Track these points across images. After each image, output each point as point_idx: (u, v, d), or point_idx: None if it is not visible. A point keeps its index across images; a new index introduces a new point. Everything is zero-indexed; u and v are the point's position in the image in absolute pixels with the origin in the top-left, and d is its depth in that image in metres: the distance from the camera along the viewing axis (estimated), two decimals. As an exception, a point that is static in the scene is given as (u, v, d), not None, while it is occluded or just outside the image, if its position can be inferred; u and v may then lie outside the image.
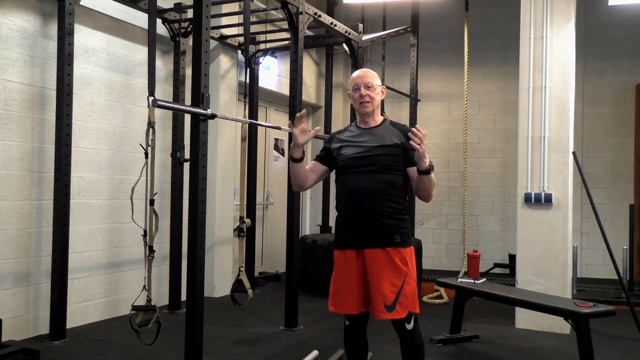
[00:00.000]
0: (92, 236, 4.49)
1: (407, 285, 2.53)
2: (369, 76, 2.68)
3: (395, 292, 2.50)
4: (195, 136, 3.37)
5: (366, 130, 2.68)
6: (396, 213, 2.58)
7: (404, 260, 2.55)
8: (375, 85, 2.67)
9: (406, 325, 2.56)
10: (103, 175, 4.58)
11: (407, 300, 2.52)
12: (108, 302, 4.64)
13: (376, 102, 2.68)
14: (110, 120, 4.64)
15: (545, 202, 4.54)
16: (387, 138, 2.61)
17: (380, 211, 2.54)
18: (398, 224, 2.57)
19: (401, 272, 2.53)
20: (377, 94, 2.68)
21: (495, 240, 7.18)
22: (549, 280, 4.50)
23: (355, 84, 2.67)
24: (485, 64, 7.21)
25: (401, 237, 2.56)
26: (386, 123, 2.72)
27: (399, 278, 2.52)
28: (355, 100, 2.68)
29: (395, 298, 2.49)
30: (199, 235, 3.35)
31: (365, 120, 2.71)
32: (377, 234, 2.54)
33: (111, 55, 4.64)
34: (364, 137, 2.65)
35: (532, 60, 4.64)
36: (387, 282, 2.50)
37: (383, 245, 2.54)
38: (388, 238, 2.54)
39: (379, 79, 2.73)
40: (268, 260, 6.96)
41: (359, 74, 2.70)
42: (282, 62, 6.69)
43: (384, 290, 2.49)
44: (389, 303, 2.49)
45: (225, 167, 5.70)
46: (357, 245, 2.57)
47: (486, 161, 7.27)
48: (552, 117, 4.59)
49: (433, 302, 5.58)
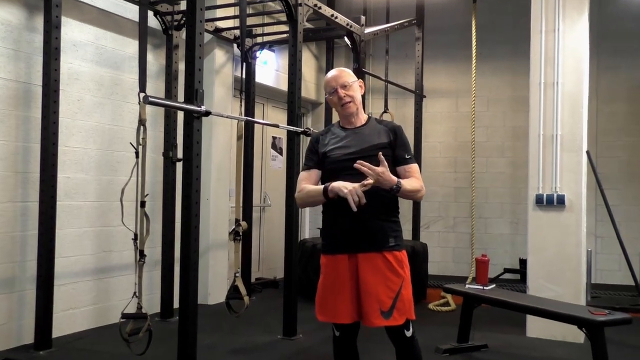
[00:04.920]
0: (79, 240, 4.49)
1: (404, 290, 2.53)
2: (343, 75, 2.68)
3: (392, 297, 2.49)
4: (188, 134, 3.37)
5: (352, 130, 2.68)
6: (389, 215, 2.59)
7: (400, 263, 2.55)
8: (351, 82, 2.66)
9: (405, 333, 2.56)
10: (91, 176, 4.58)
11: (405, 305, 2.52)
12: (96, 309, 4.63)
13: (357, 99, 2.68)
14: (99, 117, 4.64)
15: (558, 204, 4.54)
16: (375, 137, 2.62)
17: (372, 214, 2.53)
18: (392, 226, 2.59)
19: (398, 276, 2.53)
20: (355, 90, 2.67)
21: (504, 244, 7.17)
22: (562, 287, 4.49)
23: (331, 87, 2.66)
24: (494, 58, 7.20)
25: (395, 240, 2.57)
26: (371, 121, 2.72)
27: (396, 283, 2.51)
28: (336, 103, 2.68)
29: (392, 303, 2.48)
30: (193, 239, 3.35)
31: (350, 121, 2.70)
32: (371, 237, 2.54)
33: (100, 49, 4.64)
34: (351, 138, 2.65)
35: (543, 55, 4.64)
36: (383, 286, 2.50)
37: (378, 248, 2.53)
38: (382, 241, 2.54)
39: (353, 75, 2.73)
40: (265, 265, 6.95)
41: (332, 76, 2.69)
42: (280, 57, 6.69)
43: (380, 296, 2.48)
44: (385, 309, 2.48)
45: (220, 167, 5.70)
46: (349, 250, 2.56)
47: (495, 161, 7.26)
48: (564, 115, 4.58)
49: (439, 310, 5.56)
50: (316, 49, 7.51)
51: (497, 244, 7.18)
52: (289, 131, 4.54)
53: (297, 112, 4.50)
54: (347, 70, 2.73)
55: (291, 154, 4.53)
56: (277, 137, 7.09)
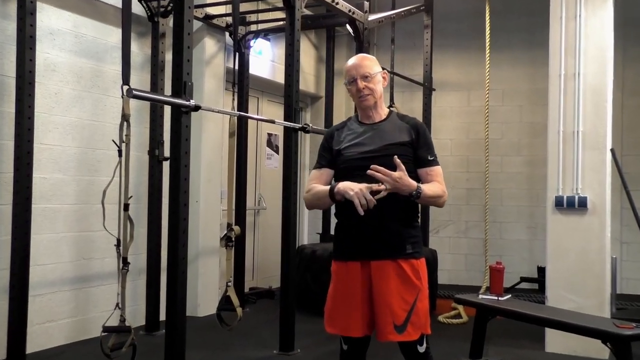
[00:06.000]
0: (57, 246, 4.48)
1: (419, 302, 2.53)
2: (365, 64, 2.67)
3: (407, 310, 2.50)
4: (176, 131, 3.37)
5: (370, 126, 2.68)
6: (406, 220, 2.59)
7: (416, 273, 2.56)
8: (373, 73, 2.65)
9: (418, 348, 2.56)
10: (70, 176, 4.57)
11: (420, 319, 2.53)
12: (75, 322, 4.63)
13: (378, 92, 2.67)
14: (79, 112, 4.63)
15: (579, 207, 4.54)
16: (396, 135, 2.61)
17: (389, 218, 2.54)
18: (409, 231, 2.59)
19: (414, 287, 2.53)
20: (377, 82, 2.66)
21: (521, 250, 7.17)
22: (584, 297, 4.49)
23: (351, 76, 2.66)
24: (509, 47, 7.20)
25: (413, 247, 2.57)
26: (393, 116, 2.72)
27: (412, 294, 2.52)
28: (354, 95, 2.68)
29: (406, 317, 2.49)
30: (181, 245, 3.34)
31: (368, 115, 2.70)
32: (385, 243, 2.54)
33: (79, 38, 4.63)
34: (369, 135, 2.65)
35: (563, 44, 4.64)
36: (397, 298, 2.50)
37: (393, 256, 2.54)
38: (398, 248, 2.55)
39: (378, 63, 2.72)
40: (260, 273, 6.95)
41: (353, 64, 2.69)
42: (277, 46, 6.69)
43: (394, 308, 2.49)
44: (399, 323, 2.48)
45: (210, 167, 5.69)
46: (362, 256, 2.57)
47: (511, 159, 7.26)
48: (586, 109, 4.58)
49: (450, 322, 5.57)
50: (315, 37, 7.51)
51: (513, 250, 7.17)
52: (286, 127, 4.54)
53: (294, 107, 4.50)
54: (370, 58, 2.73)
55: (288, 152, 4.53)
56: (272, 134, 7.09)
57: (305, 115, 7.70)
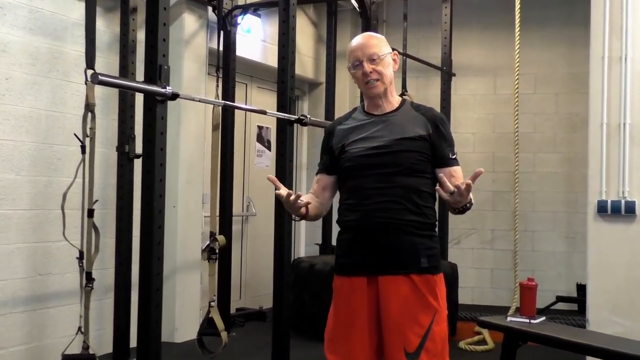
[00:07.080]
0: (8, 259, 4.47)
1: (436, 325, 2.54)
2: (373, 44, 2.66)
3: (421, 334, 2.51)
4: (150, 124, 3.37)
5: (379, 117, 2.68)
6: (422, 229, 2.60)
7: (432, 292, 2.56)
8: (382, 54, 2.64)
9: None
10: (23, 176, 4.57)
11: (436, 346, 2.54)
12: (30, 349, 4.62)
13: (388, 77, 2.66)
14: (34, 101, 4.63)
15: (627, 213, 4.55)
16: (409, 128, 2.62)
17: (401, 226, 2.55)
18: (425, 242, 2.59)
19: (430, 308, 2.54)
20: (386, 65, 2.66)
21: (557, 265, 7.18)
22: (632, 320, 4.50)
23: (355, 58, 2.65)
24: (543, 24, 7.21)
25: (429, 261, 2.58)
26: (406, 106, 2.72)
27: (427, 316, 2.53)
28: (359, 79, 2.67)
29: (420, 343, 2.50)
30: (155, 258, 3.34)
31: (376, 104, 2.70)
32: (397, 256, 2.55)
33: (35, 13, 4.63)
34: (377, 127, 2.65)
35: (607, 21, 4.65)
36: (410, 320, 2.51)
37: (405, 271, 2.54)
38: (412, 262, 2.55)
39: (387, 43, 2.72)
40: (249, 292, 6.96)
41: (359, 44, 2.68)
42: (269, 23, 6.70)
43: (406, 332, 2.50)
44: (411, 349, 2.49)
45: (190, 166, 5.70)
46: (369, 271, 2.58)
47: (545, 157, 7.27)
48: (635, 98, 4.60)
49: (473, 350, 5.58)
50: (314, 13, 7.52)
51: (548, 264, 7.18)
52: (279, 119, 4.54)
53: (289, 95, 4.49)
54: (378, 37, 2.73)
55: (282, 148, 4.52)
56: (264, 127, 7.09)
57: (302, 105, 7.71)
